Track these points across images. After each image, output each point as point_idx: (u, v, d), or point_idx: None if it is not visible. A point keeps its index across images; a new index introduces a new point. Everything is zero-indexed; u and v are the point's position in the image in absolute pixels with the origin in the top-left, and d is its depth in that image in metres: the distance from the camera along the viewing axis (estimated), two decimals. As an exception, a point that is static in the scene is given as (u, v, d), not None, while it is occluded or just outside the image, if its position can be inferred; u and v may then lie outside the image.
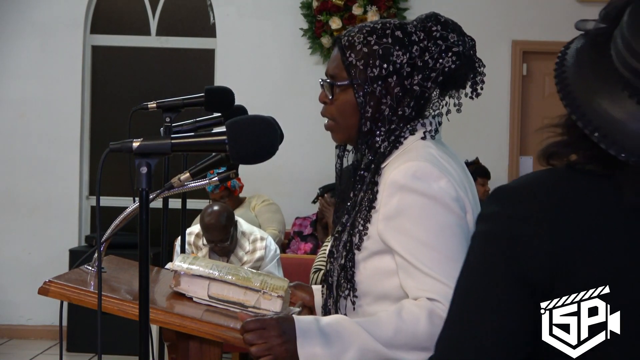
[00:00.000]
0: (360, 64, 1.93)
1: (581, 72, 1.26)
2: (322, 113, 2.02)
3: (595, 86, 1.24)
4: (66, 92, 6.82)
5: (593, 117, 1.22)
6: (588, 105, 1.24)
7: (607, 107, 1.22)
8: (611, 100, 1.22)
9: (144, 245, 1.66)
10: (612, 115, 1.21)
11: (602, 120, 1.22)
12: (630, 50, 1.20)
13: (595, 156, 1.25)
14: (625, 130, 1.20)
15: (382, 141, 1.93)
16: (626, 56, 1.20)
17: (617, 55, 1.22)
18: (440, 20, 1.96)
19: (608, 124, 1.21)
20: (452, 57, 1.92)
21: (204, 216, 4.92)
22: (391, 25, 1.96)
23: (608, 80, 1.23)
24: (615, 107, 1.22)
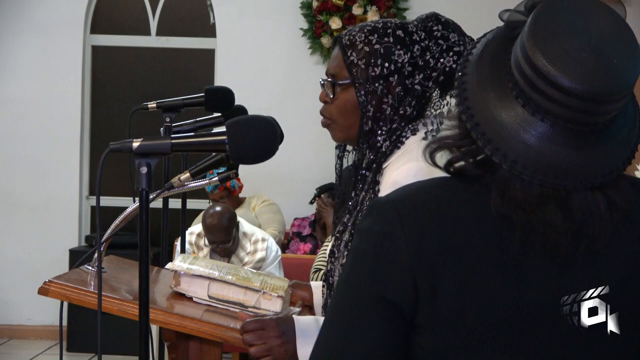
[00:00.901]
0: (361, 63, 1.93)
1: (480, 69, 1.21)
2: (321, 112, 2.02)
3: (489, 86, 1.19)
4: (66, 92, 6.82)
5: (481, 120, 1.18)
6: (478, 106, 1.19)
7: (497, 110, 1.17)
8: (501, 103, 1.17)
9: (144, 245, 1.66)
10: (499, 120, 1.16)
11: (489, 124, 1.17)
12: (524, 54, 1.14)
13: (470, 152, 1.21)
14: (511, 137, 1.15)
15: (383, 140, 1.93)
16: (520, 59, 1.15)
17: (515, 59, 1.17)
18: (441, 20, 1.97)
19: (494, 129, 1.16)
20: (453, 56, 1.92)
21: (206, 217, 4.92)
22: (392, 25, 1.96)
23: (502, 81, 1.18)
24: (504, 111, 1.17)
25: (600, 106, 1.13)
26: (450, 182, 1.25)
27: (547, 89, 1.12)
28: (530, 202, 1.16)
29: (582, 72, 1.11)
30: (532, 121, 1.15)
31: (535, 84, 1.13)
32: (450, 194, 1.23)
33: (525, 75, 1.14)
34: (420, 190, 1.26)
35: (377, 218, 1.23)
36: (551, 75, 1.12)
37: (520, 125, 1.15)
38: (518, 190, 1.16)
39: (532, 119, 1.15)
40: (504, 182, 1.17)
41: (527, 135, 1.15)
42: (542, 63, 1.12)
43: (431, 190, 1.25)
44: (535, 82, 1.13)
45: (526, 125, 1.15)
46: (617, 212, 1.18)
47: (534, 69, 1.13)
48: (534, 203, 1.16)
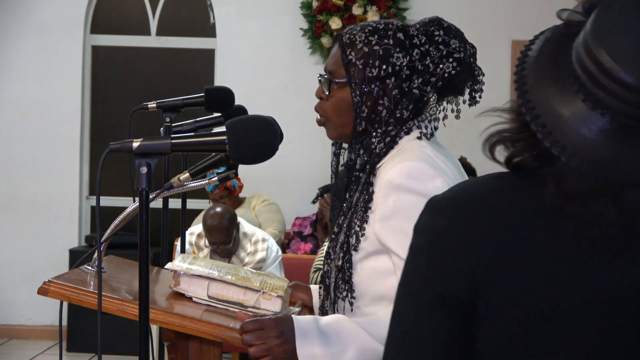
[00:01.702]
0: (359, 62, 1.93)
1: (540, 65, 1.24)
2: (316, 108, 2.02)
3: (549, 81, 1.22)
4: (66, 92, 6.82)
5: (541, 113, 1.21)
6: (538, 100, 1.22)
7: (557, 104, 1.20)
8: (562, 97, 1.20)
9: (144, 245, 1.66)
10: (559, 114, 1.20)
11: (549, 117, 1.20)
12: (587, 50, 1.17)
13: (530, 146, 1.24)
14: (570, 130, 1.18)
15: (377, 142, 1.93)
16: (582, 55, 1.18)
17: (575, 52, 1.20)
18: (443, 25, 1.96)
19: (554, 122, 1.20)
20: (453, 62, 1.91)
21: (207, 218, 4.92)
22: (394, 27, 1.96)
23: (562, 77, 1.21)
24: (564, 105, 1.20)
25: None
26: (506, 177, 1.28)
27: (609, 84, 1.15)
28: (585, 195, 1.19)
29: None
30: (592, 116, 1.18)
31: (597, 79, 1.16)
32: (506, 187, 1.27)
33: (587, 70, 1.17)
34: (475, 186, 1.30)
35: (434, 215, 1.27)
36: (613, 70, 1.15)
37: (580, 120, 1.19)
38: (574, 182, 1.19)
39: (592, 113, 1.18)
40: (560, 174, 1.20)
41: (586, 129, 1.18)
42: (605, 59, 1.15)
43: (486, 185, 1.29)
44: (597, 77, 1.16)
45: (586, 119, 1.18)
46: None
47: (596, 64, 1.16)
48: (588, 196, 1.19)
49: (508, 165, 1.28)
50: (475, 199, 1.26)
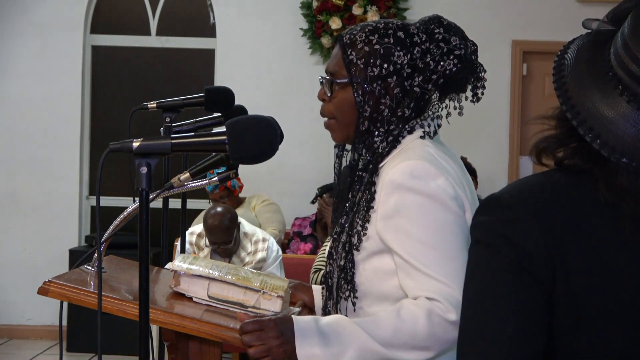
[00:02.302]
0: (360, 62, 1.93)
1: (578, 71, 1.29)
2: (321, 111, 2.02)
3: (590, 85, 1.26)
4: (66, 92, 6.82)
5: (587, 117, 1.25)
6: (582, 104, 1.26)
7: (601, 107, 1.24)
8: (605, 100, 1.24)
9: (144, 245, 1.66)
10: (605, 116, 1.24)
11: (595, 120, 1.24)
12: (628, 52, 1.22)
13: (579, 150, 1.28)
14: (617, 131, 1.23)
15: (380, 141, 1.93)
16: (624, 58, 1.22)
17: (615, 56, 1.24)
18: (443, 23, 1.96)
19: (601, 125, 1.24)
20: (454, 60, 1.91)
21: (207, 218, 4.92)
22: (394, 26, 1.96)
23: (604, 81, 1.25)
24: (609, 107, 1.24)
25: None
26: (557, 174, 1.32)
27: None
28: (637, 192, 1.24)
29: None
30: (638, 115, 1.22)
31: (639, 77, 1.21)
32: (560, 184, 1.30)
33: (630, 72, 1.22)
34: (529, 181, 1.34)
35: (497, 209, 1.30)
36: None
37: (626, 120, 1.23)
38: (625, 181, 1.24)
39: (638, 113, 1.22)
40: (610, 173, 1.25)
41: (633, 129, 1.23)
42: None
43: (539, 180, 1.33)
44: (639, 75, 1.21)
45: (632, 119, 1.23)
46: None
47: (638, 63, 1.21)
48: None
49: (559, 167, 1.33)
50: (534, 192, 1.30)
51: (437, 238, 1.80)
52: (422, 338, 1.77)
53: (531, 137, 1.34)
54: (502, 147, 6.81)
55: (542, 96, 6.93)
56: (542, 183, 1.32)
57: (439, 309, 1.76)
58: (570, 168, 1.30)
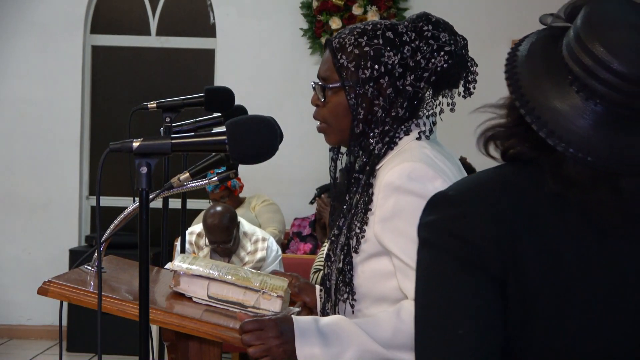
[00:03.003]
0: (351, 65, 1.93)
1: (531, 63, 1.30)
2: (315, 116, 2.02)
3: (542, 77, 1.27)
4: (66, 92, 6.82)
5: (536, 105, 1.25)
6: (532, 94, 1.27)
7: (551, 97, 1.25)
8: (556, 91, 1.25)
9: (144, 245, 1.66)
10: (554, 106, 1.24)
11: (544, 109, 1.25)
12: (580, 43, 1.23)
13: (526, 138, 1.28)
14: (566, 121, 1.23)
15: (376, 143, 1.92)
16: (575, 49, 1.24)
17: (568, 50, 1.25)
18: (432, 20, 1.96)
19: (549, 114, 1.24)
20: (444, 56, 1.91)
21: (207, 217, 4.92)
22: (382, 26, 1.95)
23: (555, 72, 1.26)
24: (559, 98, 1.24)
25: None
26: (504, 167, 1.32)
27: (603, 75, 1.21)
28: (584, 182, 1.24)
29: (634, 58, 1.20)
30: (587, 106, 1.23)
31: (591, 70, 1.22)
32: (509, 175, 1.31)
33: (581, 63, 1.23)
34: (477, 177, 1.34)
35: (444, 206, 1.29)
36: (608, 61, 1.21)
37: (575, 111, 1.24)
38: (572, 171, 1.24)
39: (587, 104, 1.23)
40: (557, 163, 1.25)
41: (581, 120, 1.23)
42: (600, 50, 1.21)
43: (488, 174, 1.33)
44: (592, 68, 1.22)
45: (581, 110, 1.23)
46: None
47: (590, 55, 1.22)
48: (588, 183, 1.24)
49: (504, 158, 1.32)
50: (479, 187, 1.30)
51: None
52: (422, 338, 1.77)
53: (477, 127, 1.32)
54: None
55: (542, 96, 6.93)
56: (490, 178, 1.32)
57: (439, 309, 1.76)
58: (517, 158, 1.30)
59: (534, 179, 1.27)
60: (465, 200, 1.28)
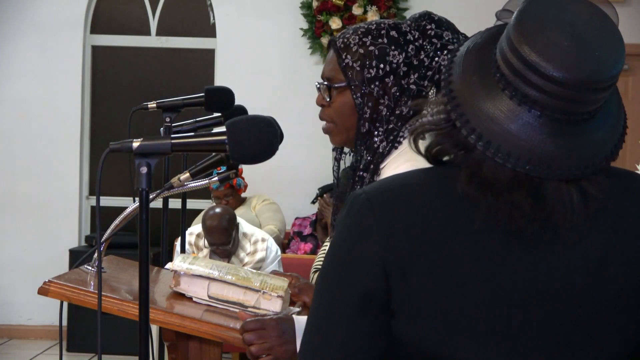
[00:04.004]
0: (356, 65, 1.93)
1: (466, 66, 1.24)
2: (320, 116, 2.02)
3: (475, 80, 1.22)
4: (66, 92, 6.82)
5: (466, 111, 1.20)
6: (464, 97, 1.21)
7: (486, 103, 1.19)
8: (486, 92, 1.20)
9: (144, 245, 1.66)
10: (487, 112, 1.19)
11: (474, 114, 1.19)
12: (511, 47, 1.17)
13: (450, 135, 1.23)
14: (497, 127, 1.18)
15: (380, 141, 1.93)
16: (507, 53, 1.18)
17: (500, 50, 1.20)
18: (434, 18, 1.96)
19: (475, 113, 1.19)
20: (448, 54, 1.92)
21: (206, 219, 4.92)
22: (386, 26, 1.96)
23: (489, 77, 1.21)
24: (490, 100, 1.19)
25: (582, 94, 1.15)
26: (425, 170, 1.28)
27: (536, 80, 1.15)
28: (500, 185, 1.18)
29: (565, 60, 1.14)
30: (519, 111, 1.17)
31: (521, 73, 1.16)
32: (423, 180, 1.27)
33: (513, 67, 1.17)
34: (395, 181, 1.29)
35: (351, 210, 1.27)
36: (536, 63, 1.14)
37: (507, 115, 1.18)
38: (489, 172, 1.19)
39: (519, 109, 1.17)
40: (476, 162, 1.19)
41: (511, 124, 1.17)
42: (527, 52, 1.15)
43: (405, 179, 1.29)
44: (521, 71, 1.16)
45: (512, 114, 1.18)
46: (593, 203, 1.19)
47: (519, 58, 1.16)
48: (504, 186, 1.18)
49: (428, 155, 1.28)
50: (392, 194, 1.26)
51: None
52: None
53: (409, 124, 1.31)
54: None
55: (542, 96, 6.93)
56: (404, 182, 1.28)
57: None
58: (439, 155, 1.26)
59: (445, 183, 1.23)
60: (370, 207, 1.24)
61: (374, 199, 1.25)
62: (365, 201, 1.25)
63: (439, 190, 1.24)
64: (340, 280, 1.25)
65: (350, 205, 1.27)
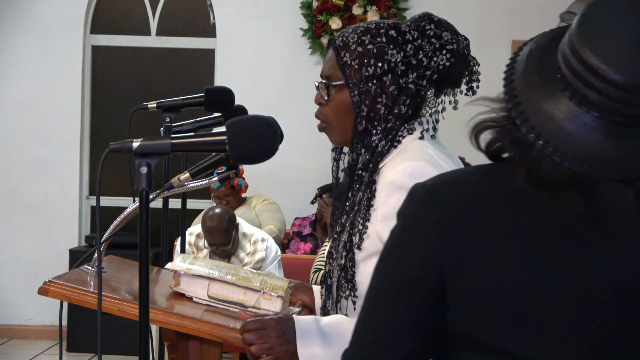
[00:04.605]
0: (355, 63, 1.94)
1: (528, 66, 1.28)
2: (316, 115, 2.02)
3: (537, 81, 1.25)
4: (66, 92, 6.82)
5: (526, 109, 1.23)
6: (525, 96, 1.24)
7: (546, 103, 1.22)
8: (547, 92, 1.23)
9: (144, 245, 1.66)
10: (547, 112, 1.22)
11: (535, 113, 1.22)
12: (572, 49, 1.20)
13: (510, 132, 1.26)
14: (555, 126, 1.21)
15: (379, 140, 1.93)
16: (569, 55, 1.21)
17: (561, 52, 1.23)
18: (434, 19, 1.97)
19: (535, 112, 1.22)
20: (447, 55, 1.92)
21: (206, 219, 4.91)
22: (385, 25, 1.97)
23: (550, 78, 1.24)
24: (550, 100, 1.22)
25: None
26: (484, 167, 1.33)
27: (596, 82, 1.18)
28: (556, 183, 1.21)
29: (624, 64, 1.17)
30: (578, 112, 1.21)
31: (583, 77, 1.19)
32: (480, 175, 1.31)
33: (572, 67, 1.20)
34: (453, 175, 1.35)
35: (411, 201, 1.32)
36: (600, 69, 1.17)
37: (565, 115, 1.21)
38: (546, 170, 1.21)
39: (578, 110, 1.21)
40: (534, 160, 1.22)
41: (570, 124, 1.21)
42: (588, 55, 1.18)
43: (463, 174, 1.35)
44: (584, 75, 1.19)
45: (571, 115, 1.21)
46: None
47: (580, 60, 1.19)
48: (559, 184, 1.21)
49: (488, 152, 1.31)
50: (450, 188, 1.30)
51: None
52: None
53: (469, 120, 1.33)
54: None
55: (542, 96, 6.93)
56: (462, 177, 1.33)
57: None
58: (499, 152, 1.29)
59: (507, 179, 1.26)
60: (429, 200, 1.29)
61: (433, 191, 1.31)
62: (425, 194, 1.31)
63: (496, 186, 1.28)
64: (395, 267, 1.30)
65: (411, 196, 1.32)
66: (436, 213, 1.28)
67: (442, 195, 1.29)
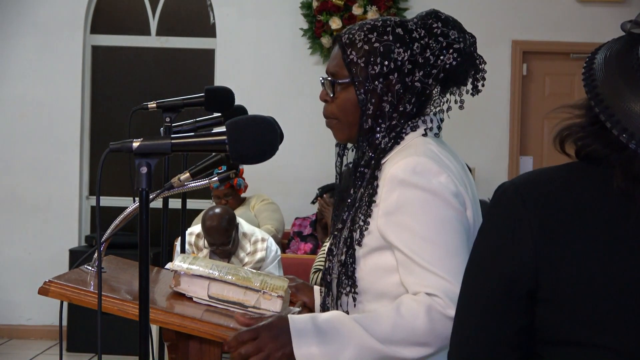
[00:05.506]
0: (361, 61, 1.93)
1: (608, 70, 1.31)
2: (324, 112, 2.02)
3: (620, 83, 1.28)
4: (66, 92, 6.82)
5: (615, 112, 1.26)
6: (611, 99, 1.27)
7: (631, 103, 1.25)
8: (632, 94, 1.26)
9: (144, 245, 1.66)
10: (630, 108, 1.25)
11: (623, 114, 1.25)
12: None
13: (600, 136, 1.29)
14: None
15: (382, 137, 1.93)
16: None
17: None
18: (441, 17, 1.96)
19: (624, 113, 1.25)
20: (453, 53, 1.92)
21: (205, 219, 4.91)
22: (392, 23, 1.96)
23: (633, 79, 1.27)
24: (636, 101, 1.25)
25: None
26: (574, 165, 1.35)
27: None
28: None
29: None
30: None
31: None
32: (573, 174, 1.34)
33: None
34: (540, 174, 1.37)
35: (500, 200, 1.35)
36: None
37: None
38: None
39: None
40: (629, 159, 1.25)
41: None
42: None
43: (550, 173, 1.36)
44: None
45: None
46: None
47: None
48: None
49: (578, 157, 1.34)
50: (542, 186, 1.33)
51: (438, 234, 1.81)
52: (422, 334, 1.77)
53: (554, 126, 1.36)
54: (502, 147, 6.81)
55: (542, 96, 6.93)
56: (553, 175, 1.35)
57: (439, 304, 1.76)
58: (591, 156, 1.32)
59: (602, 177, 1.29)
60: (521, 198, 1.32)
61: (523, 190, 1.33)
62: (514, 192, 1.33)
63: (585, 185, 1.31)
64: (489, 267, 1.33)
65: (499, 195, 1.35)
66: (529, 211, 1.30)
67: (533, 193, 1.32)
